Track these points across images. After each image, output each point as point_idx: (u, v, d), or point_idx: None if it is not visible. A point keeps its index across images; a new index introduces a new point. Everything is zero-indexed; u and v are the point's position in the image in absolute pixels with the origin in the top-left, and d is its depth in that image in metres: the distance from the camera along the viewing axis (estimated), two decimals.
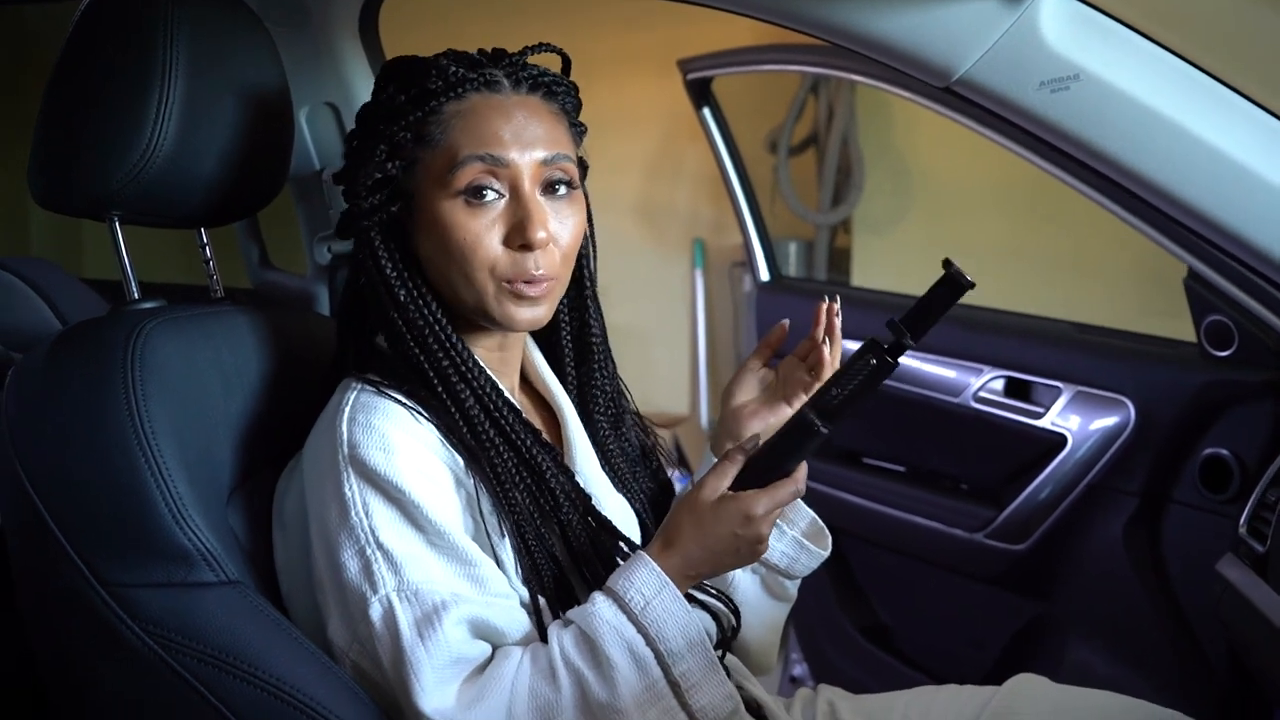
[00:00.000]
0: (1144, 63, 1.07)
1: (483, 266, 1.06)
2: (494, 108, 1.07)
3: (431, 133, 1.06)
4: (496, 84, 1.08)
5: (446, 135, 1.06)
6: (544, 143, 1.07)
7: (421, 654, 0.96)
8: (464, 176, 1.05)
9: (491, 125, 1.06)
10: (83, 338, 1.05)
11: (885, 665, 2.13)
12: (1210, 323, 1.67)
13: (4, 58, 4.03)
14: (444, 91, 1.06)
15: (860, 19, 1.09)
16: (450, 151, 1.06)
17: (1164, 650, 1.73)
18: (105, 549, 0.98)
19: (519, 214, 1.06)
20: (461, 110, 1.06)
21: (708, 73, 2.31)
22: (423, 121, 1.06)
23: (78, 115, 1.10)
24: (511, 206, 1.07)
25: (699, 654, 1.01)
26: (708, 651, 1.02)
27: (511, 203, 1.07)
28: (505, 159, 1.06)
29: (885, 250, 3.59)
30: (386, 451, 1.00)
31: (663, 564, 1.03)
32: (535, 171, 1.07)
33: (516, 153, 1.06)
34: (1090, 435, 1.81)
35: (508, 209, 1.07)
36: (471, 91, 1.07)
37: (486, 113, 1.06)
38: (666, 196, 4.11)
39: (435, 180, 1.06)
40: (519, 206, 1.06)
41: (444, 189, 1.06)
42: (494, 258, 1.06)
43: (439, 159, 1.06)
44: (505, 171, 1.06)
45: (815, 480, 2.21)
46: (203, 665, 0.97)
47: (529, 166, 1.07)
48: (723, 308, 4.08)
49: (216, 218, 1.23)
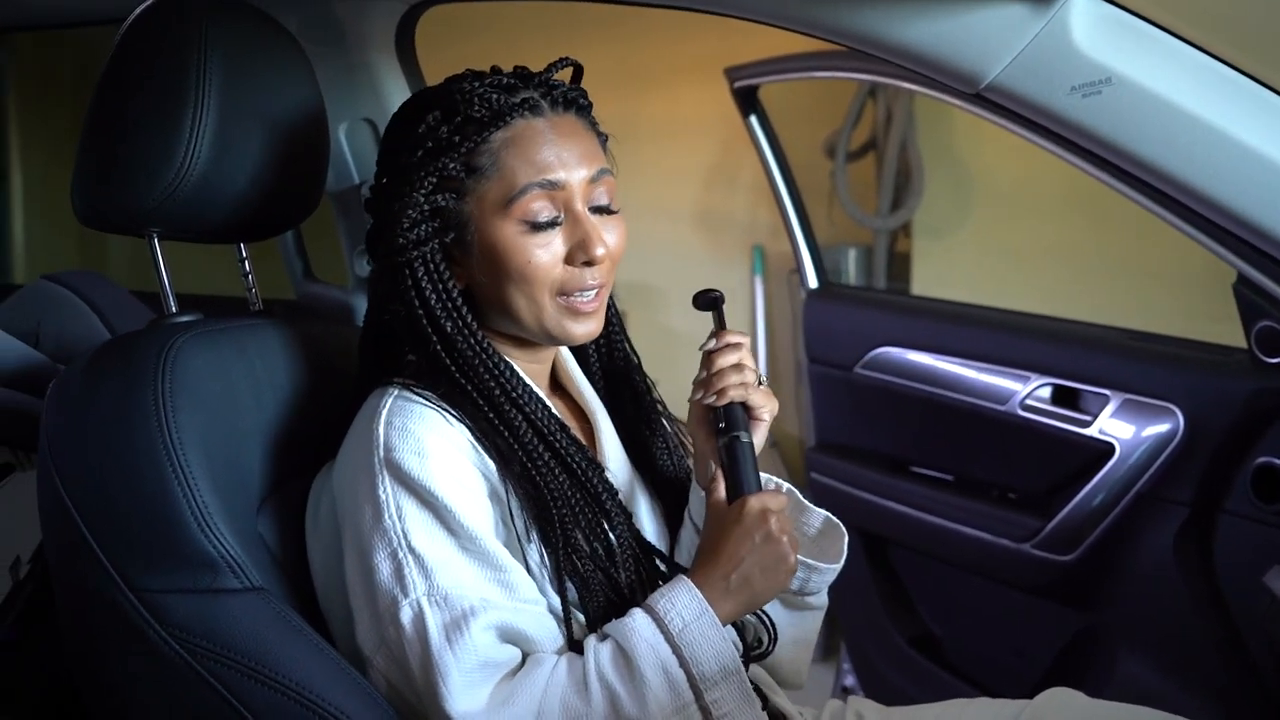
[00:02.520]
0: (1178, 64, 1.05)
1: (545, 286, 1.09)
2: (539, 132, 1.09)
3: (482, 163, 1.08)
4: (537, 107, 1.09)
5: (498, 164, 1.08)
6: (588, 160, 1.10)
7: (449, 658, 0.97)
8: (524, 204, 1.08)
9: (541, 150, 1.08)
10: (118, 351, 1.08)
11: (933, 676, 2.11)
12: (1261, 328, 1.63)
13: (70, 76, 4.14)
14: (491, 121, 1.07)
15: (888, 26, 1.09)
16: (506, 180, 1.08)
17: (1214, 663, 1.69)
18: (135, 556, 1.01)
19: (578, 233, 1.09)
20: (509, 138, 1.08)
21: (754, 80, 2.31)
22: (473, 152, 1.08)
23: (116, 134, 1.13)
24: (569, 226, 1.09)
25: (733, 683, 1.02)
26: (743, 682, 1.02)
27: (568, 222, 1.09)
28: (560, 182, 1.08)
29: (945, 254, 3.54)
30: (421, 456, 1.02)
31: (704, 588, 1.05)
32: (585, 190, 1.10)
33: (566, 174, 1.08)
34: (1139, 444, 1.77)
35: (565, 229, 1.09)
36: (516, 118, 1.08)
37: (534, 138, 1.08)
38: (725, 204, 4.10)
39: (492, 209, 1.08)
40: (576, 226, 1.09)
41: (503, 217, 1.08)
42: (555, 276, 1.09)
43: (494, 188, 1.08)
44: (560, 194, 1.09)
45: (863, 489, 2.19)
46: (226, 669, 1.00)
47: (579, 185, 1.09)
48: (782, 314, 4.06)
49: (254, 233, 1.26)
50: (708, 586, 1.05)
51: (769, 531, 1.06)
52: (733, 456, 1.12)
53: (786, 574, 1.07)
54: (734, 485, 1.11)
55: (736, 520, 1.08)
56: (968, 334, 2.04)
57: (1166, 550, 1.75)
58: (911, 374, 2.10)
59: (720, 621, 1.03)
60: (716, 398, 1.14)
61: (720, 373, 1.14)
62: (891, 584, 2.23)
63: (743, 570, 1.06)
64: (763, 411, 1.15)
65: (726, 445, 1.12)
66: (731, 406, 1.13)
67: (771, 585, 1.07)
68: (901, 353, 2.12)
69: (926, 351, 2.08)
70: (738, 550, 1.06)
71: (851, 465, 2.24)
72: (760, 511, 1.07)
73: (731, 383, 1.14)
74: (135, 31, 1.16)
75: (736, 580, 1.05)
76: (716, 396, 1.14)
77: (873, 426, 2.22)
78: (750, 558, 1.06)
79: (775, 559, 1.06)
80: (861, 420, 2.24)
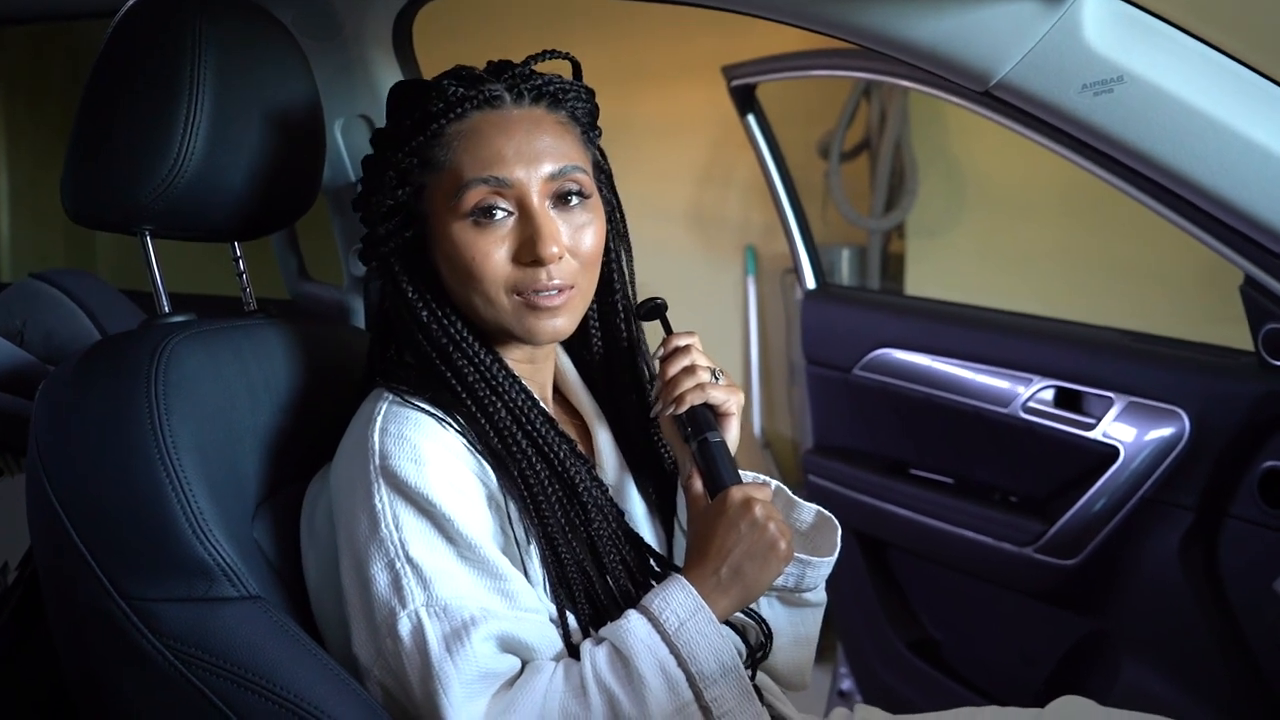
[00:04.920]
0: (1191, 62, 1.04)
1: (495, 284, 1.06)
2: (494, 125, 1.06)
3: (436, 156, 1.06)
4: (497, 99, 1.06)
5: (450, 157, 1.06)
6: (550, 156, 1.06)
7: (450, 669, 0.95)
8: (470, 199, 1.05)
9: (493, 144, 1.05)
10: (108, 353, 1.06)
11: (933, 681, 2.09)
12: (1268, 331, 1.62)
13: (59, 73, 4.11)
14: (444, 113, 1.05)
15: (897, 23, 1.08)
16: (455, 174, 1.05)
17: (1220, 670, 1.68)
18: (127, 563, 0.99)
19: (528, 230, 1.05)
20: (463, 130, 1.06)
21: (752, 79, 2.29)
22: (427, 145, 1.06)
23: (107, 130, 1.11)
24: (520, 223, 1.06)
25: (732, 680, 1.00)
26: (742, 679, 1.00)
27: (520, 219, 1.06)
28: (509, 179, 1.05)
29: (939, 255, 3.54)
30: (418, 463, 0.99)
31: (697, 585, 1.03)
32: (543, 186, 1.06)
33: (521, 170, 1.05)
34: (1144, 447, 1.75)
35: (517, 226, 1.06)
36: (473, 110, 1.06)
37: (487, 131, 1.05)
38: (718, 203, 4.08)
39: (443, 204, 1.06)
40: (528, 223, 1.05)
41: (452, 212, 1.05)
42: (505, 274, 1.06)
43: (445, 182, 1.06)
44: (510, 190, 1.05)
45: (862, 492, 2.18)
46: (221, 680, 0.97)
47: (536, 182, 1.05)
48: (774, 314, 4.05)
49: (248, 231, 1.23)
50: (700, 583, 1.03)
51: (754, 519, 1.04)
52: (706, 457, 1.10)
53: (778, 561, 1.04)
54: (713, 483, 1.09)
55: (721, 513, 1.06)
56: (969, 336, 2.02)
57: (1171, 555, 1.73)
58: (911, 376, 2.08)
59: (717, 617, 1.02)
60: (675, 406, 1.12)
61: (673, 380, 1.12)
62: (890, 587, 2.22)
63: (732, 561, 1.03)
64: (728, 405, 1.13)
65: (698, 448, 1.11)
66: (694, 410, 1.12)
67: (764, 573, 1.04)
68: (901, 354, 2.10)
69: (927, 353, 2.07)
70: (725, 542, 1.04)
71: (850, 468, 2.22)
72: (743, 500, 1.05)
73: (687, 388, 1.11)
74: (128, 24, 1.14)
75: (728, 573, 1.03)
76: (675, 405, 1.12)
77: (871, 429, 2.20)
78: (738, 548, 1.04)
79: (765, 545, 1.04)
80: (860, 422, 2.22)
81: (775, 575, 1.05)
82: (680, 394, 1.11)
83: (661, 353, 1.15)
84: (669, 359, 1.14)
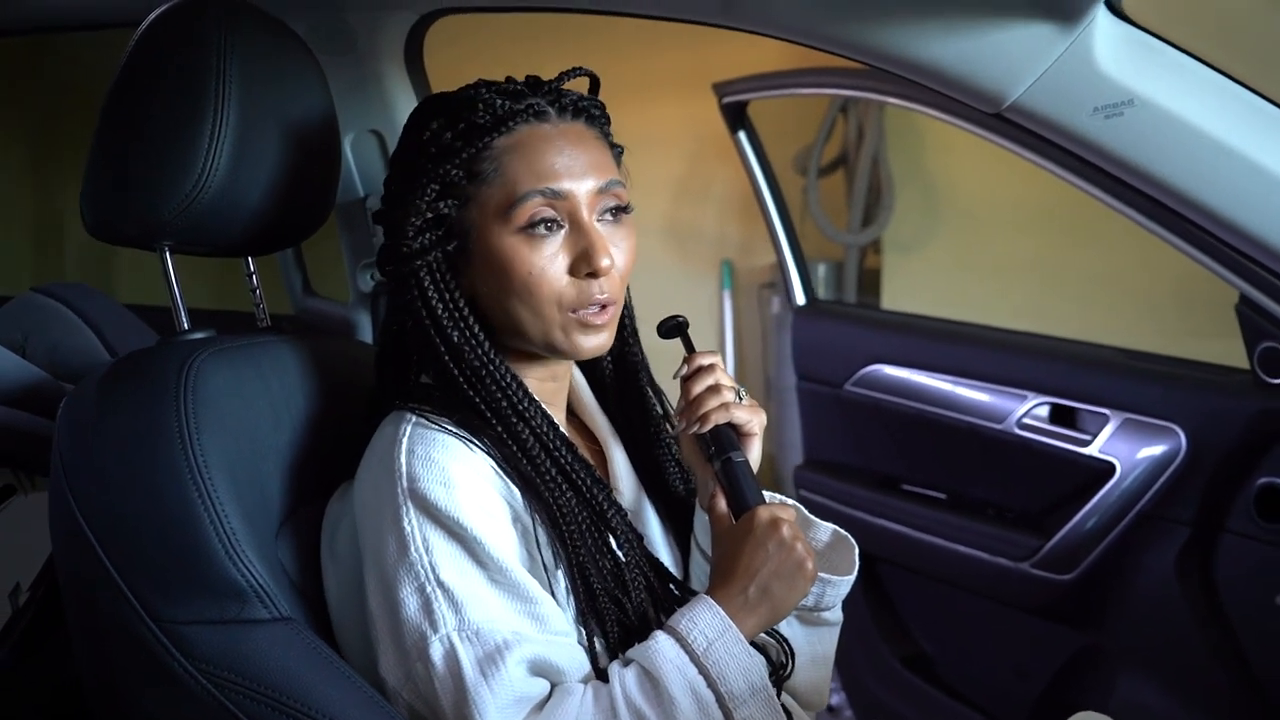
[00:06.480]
0: (1200, 87, 1.06)
1: (549, 299, 1.05)
2: (544, 139, 1.06)
3: (484, 169, 1.05)
4: (544, 114, 1.07)
5: (500, 171, 1.05)
6: (596, 170, 1.07)
7: (486, 694, 0.94)
8: (524, 212, 1.04)
9: (545, 158, 1.05)
10: (134, 370, 1.04)
11: (927, 696, 2.10)
12: (1264, 349, 1.64)
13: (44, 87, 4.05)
14: (494, 127, 1.05)
15: (912, 45, 1.09)
16: (507, 187, 1.05)
17: (1216, 684, 1.70)
18: (159, 585, 0.97)
19: (582, 243, 1.05)
20: (512, 144, 1.05)
21: (744, 96, 2.30)
22: (475, 158, 1.05)
23: (130, 145, 1.09)
24: (573, 237, 1.06)
25: (762, 701, 0.99)
26: (771, 699, 1.00)
27: (572, 233, 1.06)
28: (563, 191, 1.05)
29: (915, 270, 3.57)
30: (447, 486, 0.98)
31: (724, 605, 1.02)
32: (591, 199, 1.07)
33: (571, 183, 1.05)
34: (1139, 464, 1.77)
35: (569, 239, 1.06)
36: (520, 124, 1.06)
37: (538, 144, 1.06)
38: (694, 218, 4.10)
39: (493, 216, 1.05)
40: (581, 236, 1.06)
41: (504, 225, 1.05)
42: (560, 289, 1.05)
43: (495, 195, 1.05)
44: (564, 204, 1.05)
45: (853, 507, 2.18)
46: (256, 703, 0.96)
47: (585, 195, 1.06)
48: (751, 329, 4.06)
49: (264, 246, 1.22)
50: (728, 602, 1.03)
51: (781, 538, 1.04)
52: (730, 477, 1.10)
53: (805, 580, 1.04)
54: (737, 503, 1.09)
55: (748, 532, 1.05)
56: (962, 352, 2.04)
57: (1168, 570, 1.75)
58: (904, 392, 2.09)
59: (744, 637, 1.01)
60: (700, 425, 1.11)
61: (698, 399, 1.12)
62: (882, 602, 2.22)
63: (760, 581, 1.03)
64: (751, 426, 1.13)
65: (722, 468, 1.11)
66: (718, 429, 1.11)
67: (792, 593, 1.04)
68: (894, 370, 2.11)
69: (920, 369, 2.08)
70: (752, 562, 1.04)
71: (841, 483, 2.23)
72: (771, 520, 1.05)
73: (712, 407, 1.11)
74: (151, 36, 1.12)
75: (755, 592, 1.03)
76: (700, 424, 1.11)
77: (863, 444, 2.21)
78: (766, 567, 1.03)
79: (792, 566, 1.03)
80: (852, 438, 2.23)
81: (802, 595, 1.05)
82: (705, 413, 1.11)
83: (685, 371, 1.15)
84: (692, 378, 1.14)
